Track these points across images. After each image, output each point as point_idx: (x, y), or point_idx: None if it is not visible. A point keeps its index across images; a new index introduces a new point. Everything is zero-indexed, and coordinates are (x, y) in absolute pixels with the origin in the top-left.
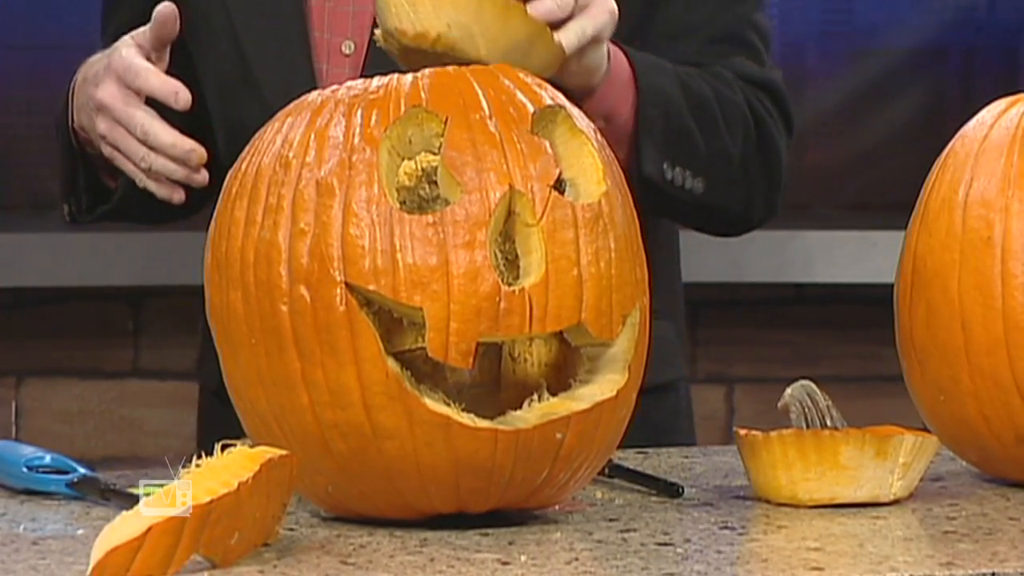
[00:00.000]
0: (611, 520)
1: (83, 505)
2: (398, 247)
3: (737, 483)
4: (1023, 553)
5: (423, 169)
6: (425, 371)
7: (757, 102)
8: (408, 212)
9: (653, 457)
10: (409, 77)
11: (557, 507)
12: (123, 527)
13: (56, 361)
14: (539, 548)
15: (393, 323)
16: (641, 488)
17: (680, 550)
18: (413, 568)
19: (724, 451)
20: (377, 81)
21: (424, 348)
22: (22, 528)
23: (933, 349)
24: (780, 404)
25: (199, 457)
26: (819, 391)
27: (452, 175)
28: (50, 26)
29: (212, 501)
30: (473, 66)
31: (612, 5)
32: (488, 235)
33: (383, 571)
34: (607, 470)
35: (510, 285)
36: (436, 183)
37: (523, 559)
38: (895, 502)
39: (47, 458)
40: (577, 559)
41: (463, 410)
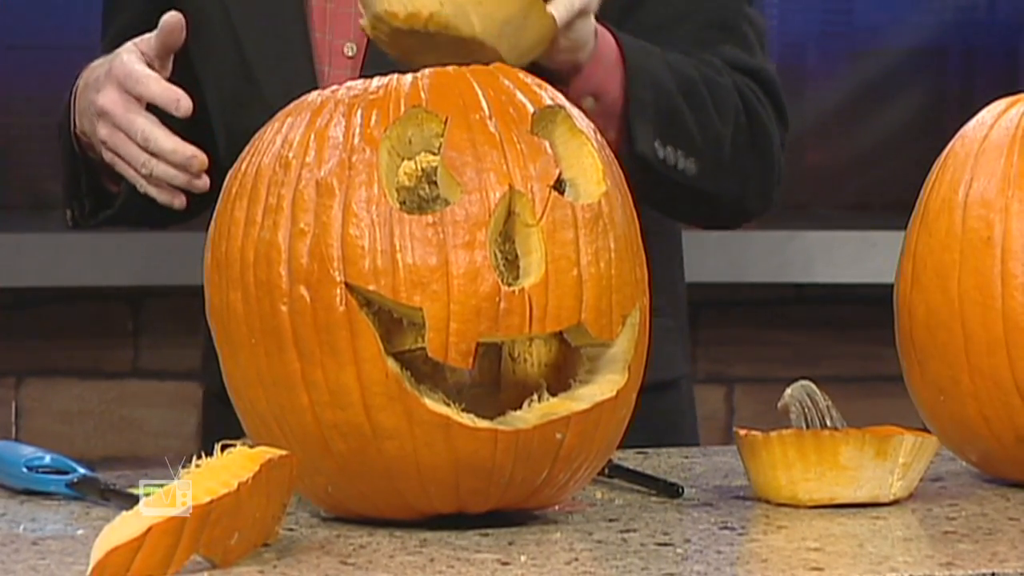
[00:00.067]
0: (611, 520)
1: (83, 505)
2: (398, 247)
3: (737, 483)
4: (1023, 553)
5: (423, 169)
6: (425, 371)
7: (747, 89)
8: (408, 212)
9: (653, 457)
10: (409, 77)
11: (557, 507)
12: (123, 527)
13: (56, 361)
14: (539, 548)
15: (393, 323)
16: (641, 488)
17: (680, 550)
18: (413, 568)
19: (724, 451)
20: (377, 81)
21: (424, 348)
22: (22, 528)
23: (933, 349)
24: (780, 404)
25: (199, 457)
26: (819, 391)
27: (452, 175)
28: (50, 26)
29: (212, 501)
30: (473, 66)
31: None
32: (488, 235)
33: (383, 571)
34: (607, 470)
35: (510, 285)
36: (436, 183)
37: (523, 559)
38: (895, 502)
39: (47, 458)
40: (577, 559)
41: (463, 410)
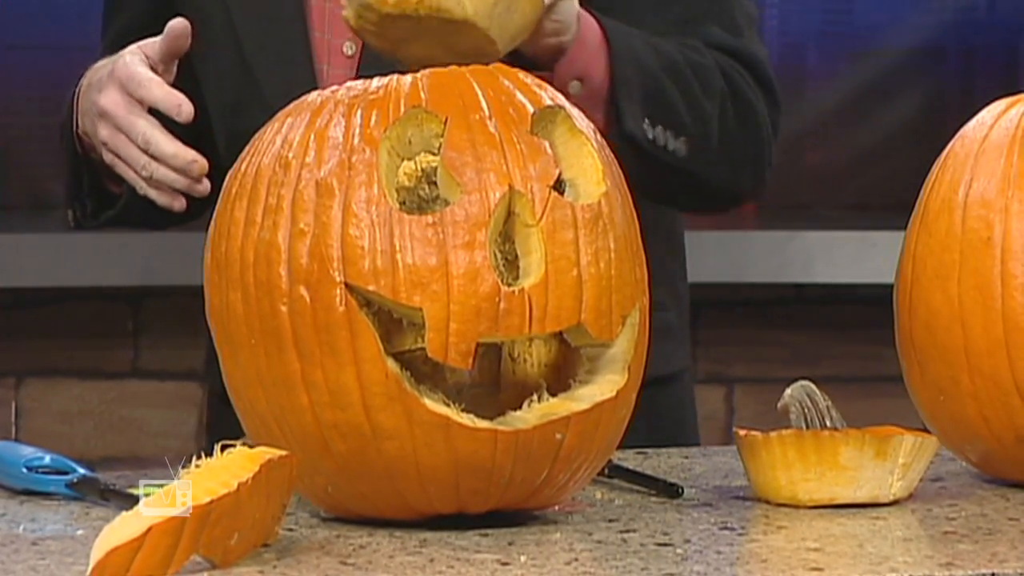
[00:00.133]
0: (611, 521)
1: (83, 505)
2: (398, 247)
3: (737, 483)
4: (1023, 554)
5: (423, 169)
6: (425, 371)
7: (732, 71)
8: (408, 212)
9: (653, 457)
10: (409, 77)
11: (557, 507)
12: (123, 527)
13: (56, 361)
14: (539, 548)
15: (393, 323)
16: (641, 488)
17: (680, 551)
18: (413, 568)
19: (724, 451)
20: (377, 81)
21: (424, 348)
22: (22, 528)
23: (933, 349)
24: (780, 404)
25: (199, 458)
26: (819, 391)
27: (452, 175)
28: (50, 26)
29: (212, 501)
30: (473, 66)
31: None
32: (488, 235)
33: (383, 571)
34: (607, 470)
35: (510, 285)
36: (436, 183)
37: (523, 559)
38: (895, 502)
39: (47, 458)
40: (577, 559)
41: (463, 411)
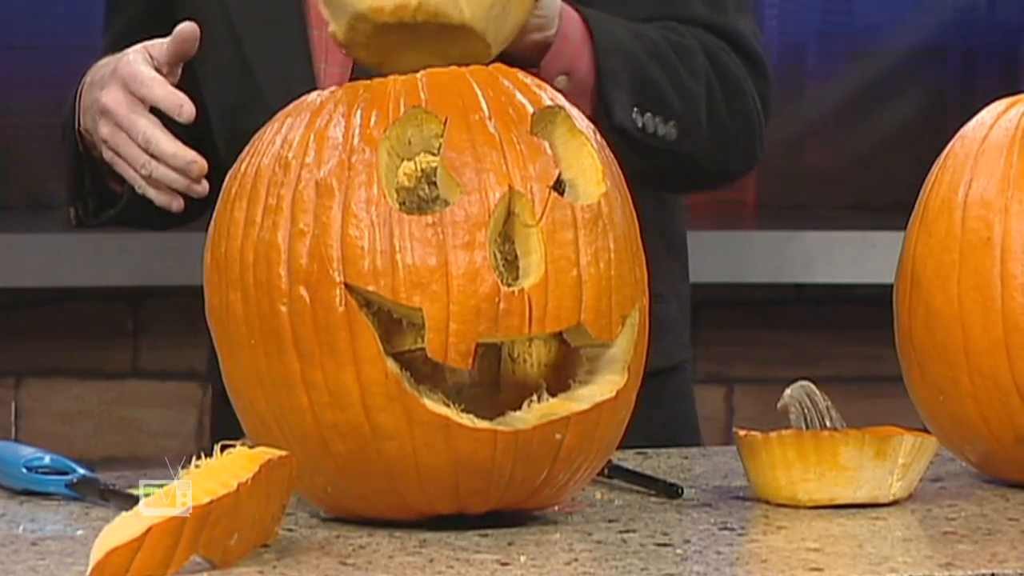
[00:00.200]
0: (610, 521)
1: (82, 506)
2: (397, 248)
3: (736, 484)
4: (1022, 554)
5: (422, 170)
6: (424, 372)
7: (715, 48)
8: (407, 213)
9: (653, 458)
10: (409, 78)
11: (556, 508)
12: (122, 528)
13: (56, 361)
14: (538, 549)
15: (392, 324)
16: (640, 489)
17: (679, 551)
18: (412, 569)
19: (724, 451)
20: (376, 82)
21: (423, 349)
22: (21, 529)
23: (932, 350)
24: (780, 405)
25: (199, 458)
26: (818, 392)
27: (451, 176)
28: (50, 26)
29: (212, 502)
30: (472, 67)
31: None
32: (487, 236)
33: (382, 572)
34: (606, 471)
35: (509, 286)
36: (435, 184)
37: (522, 560)
38: (894, 503)
39: (46, 459)
40: (576, 560)
41: (462, 411)
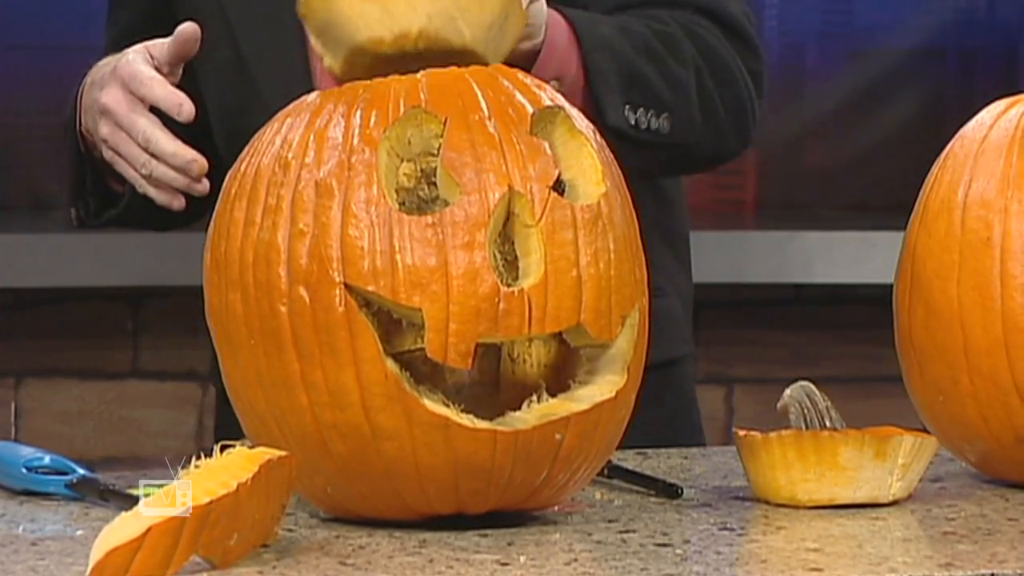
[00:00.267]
0: (610, 521)
1: (82, 506)
2: (397, 248)
3: (736, 484)
4: (1022, 554)
5: (422, 170)
6: (424, 372)
7: (698, 28)
8: (407, 213)
9: (652, 458)
10: (409, 78)
11: (556, 508)
12: (122, 528)
13: (56, 361)
14: (538, 549)
15: (392, 324)
16: (640, 489)
17: (679, 551)
18: (412, 569)
19: (723, 452)
20: (376, 82)
21: (423, 349)
22: (21, 529)
23: (932, 350)
24: (779, 405)
25: (198, 458)
26: (818, 392)
27: (451, 176)
28: (50, 26)
29: (211, 502)
30: (472, 67)
31: None
32: (487, 236)
33: (382, 572)
34: (606, 471)
35: (509, 286)
36: (435, 184)
37: (522, 560)
38: (894, 503)
39: (46, 459)
40: (576, 560)
41: (462, 411)
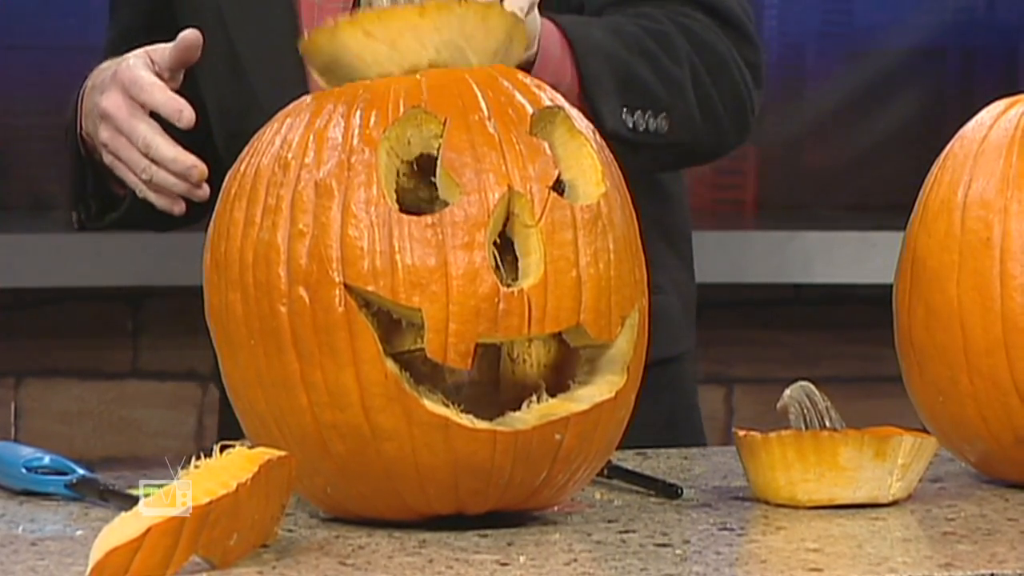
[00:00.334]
0: (610, 521)
1: (82, 506)
2: (397, 248)
3: (736, 484)
4: (1022, 554)
5: (422, 170)
6: (424, 372)
7: (690, 21)
8: (407, 213)
9: (652, 458)
10: (408, 78)
11: (556, 508)
12: (122, 528)
13: (55, 361)
14: (538, 549)
15: (392, 324)
16: (640, 489)
17: (679, 551)
18: (412, 569)
19: (723, 452)
20: (376, 82)
21: (423, 349)
22: (21, 529)
23: (932, 350)
24: (779, 405)
25: (198, 458)
26: (818, 392)
27: (451, 176)
28: (50, 26)
29: (211, 502)
30: (472, 67)
31: None
32: (487, 236)
33: (382, 572)
34: (606, 471)
35: (509, 286)
36: (435, 184)
37: (522, 560)
38: (894, 503)
39: (46, 459)
40: (576, 560)
41: (462, 411)
